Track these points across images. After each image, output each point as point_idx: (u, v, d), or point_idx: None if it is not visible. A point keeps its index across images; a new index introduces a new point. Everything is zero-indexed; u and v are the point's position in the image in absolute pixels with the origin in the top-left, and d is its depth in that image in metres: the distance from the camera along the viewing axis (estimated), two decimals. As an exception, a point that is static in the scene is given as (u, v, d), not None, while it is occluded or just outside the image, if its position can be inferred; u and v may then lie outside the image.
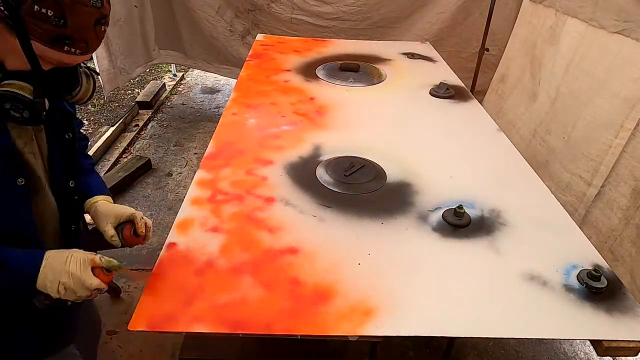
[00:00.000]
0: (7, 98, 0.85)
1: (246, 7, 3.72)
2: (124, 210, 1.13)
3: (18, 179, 0.93)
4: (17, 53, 0.81)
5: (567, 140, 2.26)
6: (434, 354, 2.06)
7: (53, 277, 0.89)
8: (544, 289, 1.15)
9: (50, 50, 0.83)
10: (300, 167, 1.61)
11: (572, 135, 2.22)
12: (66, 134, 1.07)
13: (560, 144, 2.30)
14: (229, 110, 1.99)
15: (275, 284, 1.12)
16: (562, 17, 2.47)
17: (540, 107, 2.54)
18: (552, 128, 2.39)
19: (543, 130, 2.47)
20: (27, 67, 0.83)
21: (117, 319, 2.14)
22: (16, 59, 0.83)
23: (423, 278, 1.17)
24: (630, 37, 1.95)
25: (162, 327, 1.00)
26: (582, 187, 2.11)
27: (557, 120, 2.37)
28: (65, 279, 0.89)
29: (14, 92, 0.85)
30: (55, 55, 0.85)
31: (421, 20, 3.63)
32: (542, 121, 2.50)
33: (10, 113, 0.87)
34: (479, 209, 1.43)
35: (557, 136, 2.34)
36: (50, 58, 0.86)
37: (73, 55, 0.86)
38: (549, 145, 2.39)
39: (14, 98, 0.86)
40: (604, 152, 2.00)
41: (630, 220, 1.83)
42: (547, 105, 2.47)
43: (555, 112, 2.39)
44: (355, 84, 2.34)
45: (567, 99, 2.32)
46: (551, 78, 2.48)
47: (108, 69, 3.31)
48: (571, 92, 2.29)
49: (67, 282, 0.89)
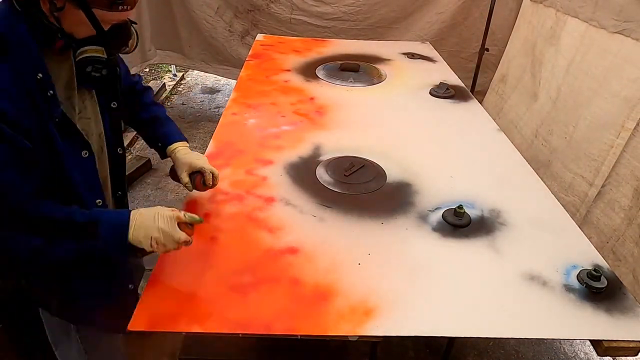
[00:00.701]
0: (88, 62, 1.05)
1: (245, 8, 3.72)
2: (196, 162, 1.33)
3: (82, 152, 1.09)
4: (84, 23, 0.96)
5: (569, 140, 2.25)
6: (434, 354, 2.06)
7: (145, 234, 1.00)
8: (544, 289, 1.15)
9: (108, 14, 0.98)
10: (300, 167, 1.61)
11: (574, 135, 2.22)
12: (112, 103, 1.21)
13: (563, 144, 2.30)
14: (229, 110, 1.99)
15: (275, 284, 1.12)
16: (562, 17, 2.47)
17: (542, 107, 2.54)
18: (554, 128, 2.39)
19: (545, 131, 2.46)
20: (93, 32, 0.99)
21: (117, 319, 2.14)
22: (83, 28, 0.98)
23: (423, 278, 1.17)
24: (630, 37, 1.95)
25: (162, 327, 1.00)
26: (584, 187, 2.11)
27: (558, 120, 2.36)
28: (157, 234, 1.01)
29: (92, 55, 1.05)
30: (113, 16, 1.00)
31: (421, 20, 3.62)
32: (543, 121, 2.50)
33: (91, 75, 1.06)
34: (479, 209, 1.43)
35: (559, 136, 2.34)
36: (109, 20, 1.01)
37: (125, 12, 1.00)
38: (551, 145, 2.39)
39: (93, 61, 1.05)
40: (605, 152, 2.00)
41: (633, 220, 1.82)
42: (549, 106, 2.47)
43: (557, 112, 2.39)
44: (355, 84, 2.34)
45: (568, 99, 2.31)
46: (552, 78, 2.48)
47: None
48: (572, 92, 2.29)
49: (159, 237, 1.01)
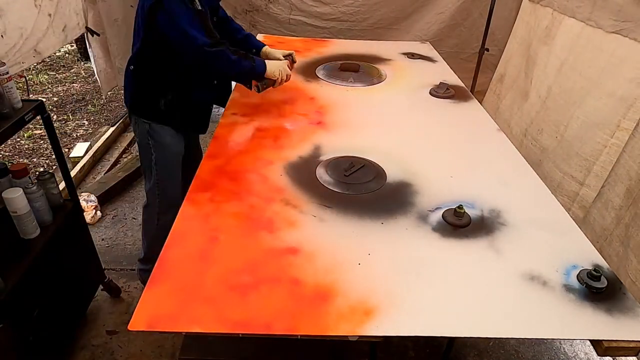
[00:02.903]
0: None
1: (244, 8, 3.71)
2: (284, 51, 2.22)
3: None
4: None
5: (559, 140, 2.25)
6: (434, 354, 2.06)
7: (273, 67, 1.89)
8: (544, 289, 1.15)
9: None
10: (300, 167, 1.61)
11: (565, 134, 2.22)
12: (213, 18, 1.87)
13: (553, 143, 2.30)
14: (229, 110, 1.99)
15: (275, 284, 1.12)
16: (558, 16, 2.47)
17: (531, 107, 2.54)
18: (544, 127, 2.39)
19: (535, 130, 2.46)
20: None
21: (117, 319, 2.14)
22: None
23: (423, 278, 1.16)
24: (628, 37, 1.95)
25: (162, 327, 1.00)
26: (574, 187, 2.11)
27: (548, 120, 2.36)
28: (281, 68, 1.91)
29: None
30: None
31: (420, 21, 3.62)
32: (532, 120, 2.50)
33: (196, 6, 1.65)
34: (479, 209, 1.43)
35: (550, 136, 2.34)
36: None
37: None
38: (541, 144, 2.39)
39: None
40: (598, 152, 2.00)
41: (621, 220, 1.82)
42: (538, 105, 2.47)
43: (547, 112, 2.39)
44: (355, 84, 2.34)
45: (558, 98, 2.31)
46: (543, 77, 2.48)
47: (105, 69, 3.30)
48: (563, 91, 2.29)
49: (282, 70, 1.91)
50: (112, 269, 2.43)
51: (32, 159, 3.59)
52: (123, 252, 2.58)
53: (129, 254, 2.56)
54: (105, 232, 2.72)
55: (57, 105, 4.50)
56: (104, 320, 2.15)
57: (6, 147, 3.69)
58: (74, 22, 2.71)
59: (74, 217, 1.93)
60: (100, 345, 2.02)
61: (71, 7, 2.65)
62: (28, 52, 2.23)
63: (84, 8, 2.81)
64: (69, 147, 3.72)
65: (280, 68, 1.90)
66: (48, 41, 2.40)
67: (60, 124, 4.13)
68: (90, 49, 3.13)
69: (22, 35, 2.17)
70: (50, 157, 3.59)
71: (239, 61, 1.77)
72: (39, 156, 3.63)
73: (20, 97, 1.64)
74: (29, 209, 1.61)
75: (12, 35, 2.09)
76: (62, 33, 2.56)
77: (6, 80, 1.57)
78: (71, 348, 1.99)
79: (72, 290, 1.96)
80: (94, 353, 1.98)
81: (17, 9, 2.11)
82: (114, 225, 2.79)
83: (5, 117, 1.56)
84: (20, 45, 2.15)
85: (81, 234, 2.03)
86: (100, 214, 2.84)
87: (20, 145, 3.77)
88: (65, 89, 4.90)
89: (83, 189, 3.01)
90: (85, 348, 2.00)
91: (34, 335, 1.63)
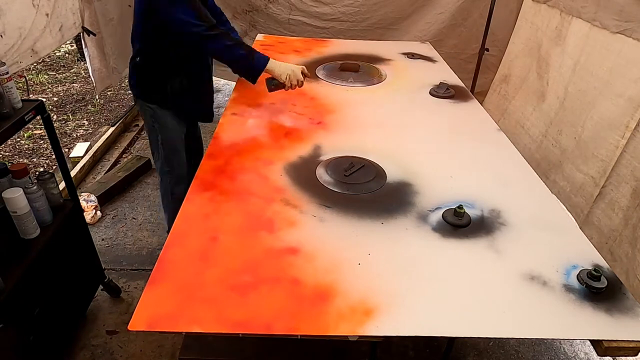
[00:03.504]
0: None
1: (244, 8, 3.71)
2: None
3: None
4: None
5: (578, 140, 2.23)
6: (434, 354, 2.06)
7: (284, 70, 1.84)
8: (544, 289, 1.15)
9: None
10: (300, 167, 1.61)
11: (582, 135, 2.20)
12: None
13: (572, 144, 2.27)
14: (229, 110, 1.99)
15: (275, 284, 1.11)
16: (567, 17, 2.46)
17: (549, 108, 2.52)
18: (563, 128, 2.37)
19: (554, 131, 2.44)
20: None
21: (117, 319, 2.14)
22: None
23: (423, 278, 1.17)
24: (632, 38, 1.95)
25: (162, 327, 1.00)
26: (591, 189, 2.09)
27: (566, 121, 2.35)
28: (290, 72, 1.85)
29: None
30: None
31: (420, 21, 3.62)
32: (552, 121, 2.48)
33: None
34: (479, 209, 1.43)
35: (569, 136, 2.31)
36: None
37: None
38: (562, 145, 2.36)
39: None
40: (612, 153, 1.98)
41: (629, 220, 1.82)
42: (557, 106, 2.45)
43: (565, 112, 2.37)
44: (355, 84, 2.34)
45: (575, 99, 2.30)
46: (559, 78, 2.47)
47: (100, 68, 3.29)
48: (579, 91, 2.27)
49: (291, 74, 1.85)
50: (112, 269, 2.43)
51: (32, 159, 3.59)
52: (123, 252, 2.58)
53: (129, 254, 2.56)
54: (105, 232, 2.72)
55: (57, 105, 4.50)
56: (104, 320, 2.15)
57: (6, 147, 3.69)
58: (71, 21, 2.71)
59: (74, 217, 1.93)
60: (100, 345, 2.02)
61: (68, 6, 2.65)
62: (26, 52, 2.23)
63: (80, 7, 2.81)
64: (69, 147, 3.72)
65: (288, 71, 1.83)
66: (45, 41, 2.40)
67: (60, 124, 4.13)
68: (86, 48, 3.12)
69: (21, 35, 2.17)
70: (50, 157, 3.59)
71: (233, 47, 1.76)
72: (39, 156, 3.63)
73: (20, 97, 1.64)
74: (29, 209, 1.61)
75: (12, 35, 2.10)
76: (59, 33, 2.56)
77: (6, 80, 1.57)
78: (71, 348, 1.98)
79: (72, 290, 1.96)
80: (94, 353, 1.98)
81: (16, 8, 2.12)
82: (114, 225, 2.79)
83: (5, 117, 1.56)
84: (18, 44, 2.15)
85: (81, 234, 2.03)
86: (100, 214, 2.84)
87: (20, 145, 3.77)
88: (65, 89, 4.90)
89: (83, 189, 3.01)
90: (85, 348, 2.00)
91: (34, 335, 1.63)
